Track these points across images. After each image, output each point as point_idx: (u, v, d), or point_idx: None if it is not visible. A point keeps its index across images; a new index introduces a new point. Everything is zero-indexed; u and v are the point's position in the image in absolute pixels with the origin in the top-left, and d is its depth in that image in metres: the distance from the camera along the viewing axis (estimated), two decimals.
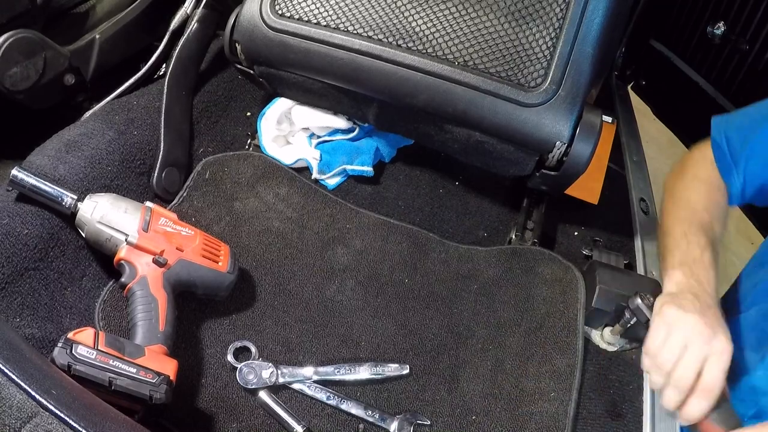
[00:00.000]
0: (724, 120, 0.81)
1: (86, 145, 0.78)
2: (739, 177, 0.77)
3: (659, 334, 0.66)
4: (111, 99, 0.89)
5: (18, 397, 0.43)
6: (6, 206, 0.69)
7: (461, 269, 0.87)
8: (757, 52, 0.99)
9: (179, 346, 0.70)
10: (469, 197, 1.00)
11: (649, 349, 0.67)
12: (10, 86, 0.77)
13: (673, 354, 0.64)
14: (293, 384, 0.71)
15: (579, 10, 0.78)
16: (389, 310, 0.81)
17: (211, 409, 0.68)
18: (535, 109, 0.77)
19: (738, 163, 0.77)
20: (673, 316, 0.66)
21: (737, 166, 0.78)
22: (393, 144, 1.00)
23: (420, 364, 0.76)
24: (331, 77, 0.85)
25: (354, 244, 0.86)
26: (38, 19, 0.82)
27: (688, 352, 0.63)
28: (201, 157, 0.92)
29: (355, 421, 0.71)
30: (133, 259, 0.68)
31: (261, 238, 0.84)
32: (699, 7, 1.12)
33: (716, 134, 0.81)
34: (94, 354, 0.56)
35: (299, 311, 0.78)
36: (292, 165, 0.94)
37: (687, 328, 0.64)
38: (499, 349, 0.79)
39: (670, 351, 0.64)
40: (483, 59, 0.79)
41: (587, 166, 0.80)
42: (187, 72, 0.94)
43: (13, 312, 0.65)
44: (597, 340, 0.80)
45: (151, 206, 0.73)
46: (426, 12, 0.81)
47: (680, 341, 0.64)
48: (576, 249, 0.97)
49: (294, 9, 0.84)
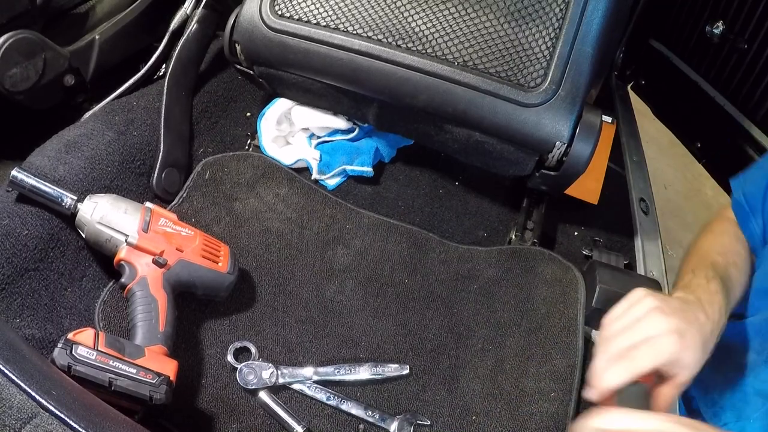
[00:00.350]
0: (740, 179, 0.81)
1: (86, 145, 0.78)
2: (758, 222, 0.77)
3: (619, 308, 0.65)
4: (111, 99, 0.89)
5: (18, 397, 0.43)
6: (6, 207, 0.69)
7: (461, 269, 0.87)
8: (756, 51, 1.00)
9: (179, 347, 0.70)
10: (469, 197, 1.00)
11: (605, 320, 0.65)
12: (10, 87, 0.77)
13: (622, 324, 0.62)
14: (293, 384, 0.71)
15: (579, 10, 0.78)
16: (389, 311, 0.81)
17: (211, 410, 0.68)
18: (535, 109, 0.77)
19: (755, 211, 0.77)
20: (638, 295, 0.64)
21: (755, 213, 0.77)
22: (393, 144, 1.00)
23: (420, 364, 0.76)
24: (331, 78, 0.85)
25: (354, 244, 0.86)
26: (38, 19, 0.82)
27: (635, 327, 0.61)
28: (201, 158, 0.92)
29: (355, 422, 0.71)
30: (133, 259, 0.68)
31: (261, 238, 0.84)
32: (698, 7, 1.12)
33: (735, 193, 0.81)
34: (94, 354, 0.56)
35: (299, 311, 0.78)
36: (292, 165, 0.94)
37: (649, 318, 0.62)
38: (499, 349, 0.79)
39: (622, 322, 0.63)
40: (483, 59, 0.79)
41: (587, 166, 0.80)
42: (187, 72, 0.94)
43: (13, 312, 0.65)
44: (597, 341, 0.80)
45: (151, 207, 0.73)
46: (426, 12, 0.81)
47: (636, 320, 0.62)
48: (576, 249, 0.97)
49: (294, 9, 0.84)
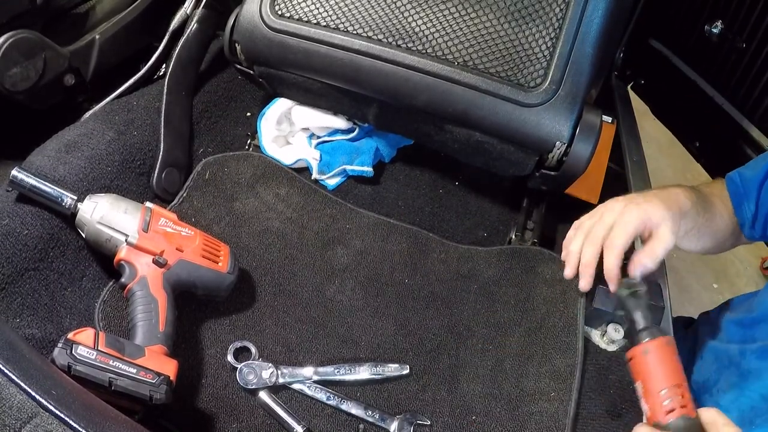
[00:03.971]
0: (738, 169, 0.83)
1: (86, 145, 0.78)
2: (750, 207, 0.79)
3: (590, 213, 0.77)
4: (111, 99, 0.89)
5: (18, 397, 0.43)
6: (6, 207, 0.69)
7: (461, 269, 0.87)
8: (754, 50, 1.00)
9: (179, 347, 0.70)
10: (469, 197, 1.00)
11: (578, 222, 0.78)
12: (10, 87, 0.77)
13: (592, 220, 0.75)
14: (293, 384, 0.71)
15: (579, 10, 0.78)
16: (389, 310, 0.81)
17: (211, 409, 0.68)
18: (535, 109, 0.77)
19: (750, 195, 0.79)
20: (608, 203, 0.75)
21: (749, 197, 0.79)
22: (393, 144, 1.00)
23: (420, 364, 0.76)
24: (331, 77, 0.85)
25: (354, 244, 0.86)
26: (38, 19, 0.82)
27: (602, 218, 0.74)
28: (201, 158, 0.92)
29: (355, 422, 0.71)
30: (133, 259, 0.68)
31: (261, 238, 0.84)
32: (697, 6, 1.12)
33: (732, 173, 0.83)
34: (94, 354, 0.56)
35: (299, 311, 0.78)
36: (292, 165, 0.94)
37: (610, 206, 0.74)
38: (499, 349, 0.79)
39: (590, 218, 0.76)
40: (483, 59, 0.79)
41: (587, 166, 0.80)
42: (187, 72, 0.94)
43: (13, 312, 0.65)
44: (597, 340, 0.80)
45: (151, 206, 0.73)
46: (426, 12, 0.81)
47: (600, 212, 0.75)
48: None
49: (294, 9, 0.84)
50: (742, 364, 0.76)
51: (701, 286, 2.03)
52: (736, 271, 2.11)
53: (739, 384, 0.76)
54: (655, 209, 0.70)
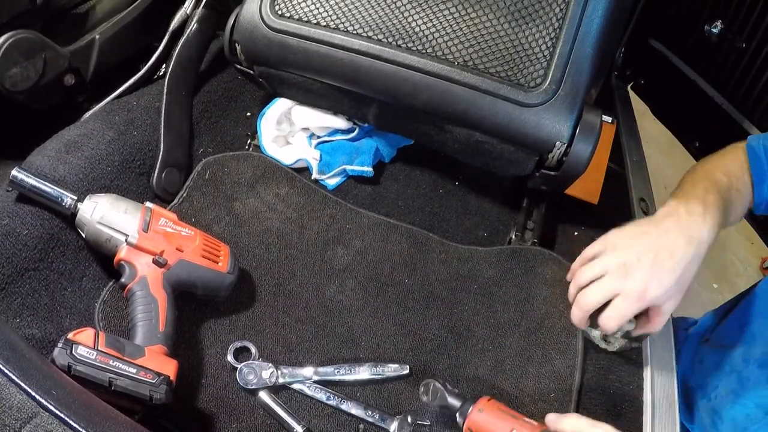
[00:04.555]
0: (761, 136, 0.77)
1: (86, 145, 0.78)
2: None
3: (592, 250, 0.69)
4: (111, 99, 0.89)
5: (18, 397, 0.43)
6: (6, 207, 0.69)
7: (461, 269, 0.87)
8: (754, 50, 1.00)
9: (179, 346, 0.70)
10: (469, 197, 1.00)
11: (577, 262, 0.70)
12: (10, 87, 0.77)
13: (587, 278, 0.66)
14: (293, 384, 0.71)
15: (579, 10, 0.78)
16: (389, 311, 0.81)
17: (211, 409, 0.68)
18: (535, 109, 0.77)
19: None
20: (611, 238, 0.67)
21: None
22: (393, 144, 1.00)
23: (420, 364, 0.76)
24: (331, 77, 0.85)
25: (354, 244, 0.86)
26: (38, 19, 0.82)
27: (602, 281, 0.65)
28: (201, 158, 0.92)
29: (355, 422, 0.71)
30: (133, 259, 0.68)
31: (261, 238, 0.84)
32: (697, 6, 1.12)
33: (753, 142, 0.75)
34: (94, 354, 0.56)
35: (299, 311, 0.78)
36: (292, 165, 0.94)
37: (615, 256, 0.65)
38: (499, 350, 0.79)
39: (590, 271, 0.66)
40: (483, 59, 0.79)
41: (587, 166, 0.80)
42: (187, 72, 0.94)
43: (13, 312, 0.65)
44: (597, 340, 0.80)
45: (151, 206, 0.73)
46: (426, 12, 0.81)
47: (602, 267, 0.65)
48: (576, 249, 0.96)
49: (294, 9, 0.84)
50: (744, 372, 0.76)
51: (701, 286, 2.03)
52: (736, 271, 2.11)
53: (736, 391, 0.76)
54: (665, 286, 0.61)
